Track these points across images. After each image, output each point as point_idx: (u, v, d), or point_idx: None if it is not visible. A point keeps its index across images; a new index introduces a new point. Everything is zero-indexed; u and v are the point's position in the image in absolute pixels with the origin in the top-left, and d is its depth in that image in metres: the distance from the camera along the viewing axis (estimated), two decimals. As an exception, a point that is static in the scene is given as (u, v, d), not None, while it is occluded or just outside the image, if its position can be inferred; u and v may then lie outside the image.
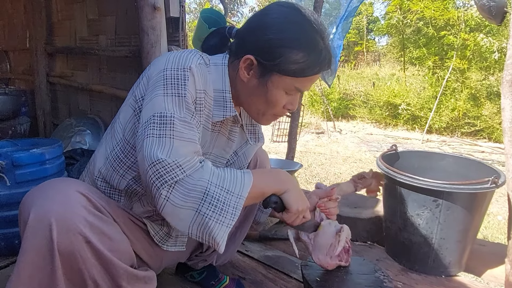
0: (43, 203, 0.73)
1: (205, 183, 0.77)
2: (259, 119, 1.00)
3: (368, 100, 8.45)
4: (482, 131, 6.55)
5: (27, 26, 3.21)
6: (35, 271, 0.72)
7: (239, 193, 0.80)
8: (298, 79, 0.89)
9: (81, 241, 0.74)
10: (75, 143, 2.58)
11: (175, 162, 0.77)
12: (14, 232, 1.46)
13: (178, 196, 0.76)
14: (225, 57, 0.97)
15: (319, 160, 5.28)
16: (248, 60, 0.90)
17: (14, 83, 3.66)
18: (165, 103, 0.82)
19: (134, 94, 0.93)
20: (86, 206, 0.77)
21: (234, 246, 1.34)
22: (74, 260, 0.74)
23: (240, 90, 0.96)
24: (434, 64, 7.64)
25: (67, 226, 0.72)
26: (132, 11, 2.32)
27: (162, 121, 0.80)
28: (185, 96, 0.83)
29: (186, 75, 0.84)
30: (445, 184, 1.31)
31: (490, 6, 1.56)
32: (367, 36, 14.74)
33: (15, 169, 1.42)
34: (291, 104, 0.95)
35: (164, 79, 0.84)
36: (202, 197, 0.76)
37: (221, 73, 0.95)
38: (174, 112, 0.81)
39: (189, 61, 0.86)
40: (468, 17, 6.85)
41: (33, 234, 0.72)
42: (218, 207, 0.77)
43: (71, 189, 0.78)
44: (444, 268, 1.43)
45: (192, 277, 1.34)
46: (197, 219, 0.76)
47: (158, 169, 0.76)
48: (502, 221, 3.14)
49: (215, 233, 0.77)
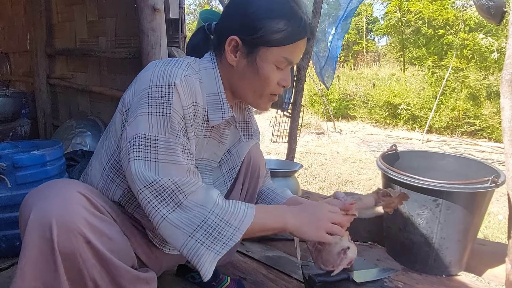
0: (43, 203, 0.74)
1: (206, 211, 0.80)
2: (258, 104, 0.99)
3: (368, 100, 8.45)
4: (482, 131, 6.55)
5: (27, 28, 3.22)
6: (39, 271, 0.73)
7: (237, 226, 0.82)
8: (285, 48, 0.89)
9: (81, 241, 0.74)
10: (75, 145, 2.58)
11: (172, 182, 0.79)
12: (15, 234, 1.46)
13: (177, 218, 0.79)
14: (213, 58, 0.96)
15: (319, 161, 5.29)
16: (232, 41, 0.90)
17: (14, 85, 3.66)
18: (149, 123, 0.81)
19: (123, 106, 0.91)
20: (86, 207, 0.77)
21: (234, 247, 1.34)
22: (74, 260, 0.74)
23: (232, 79, 0.95)
24: (434, 64, 7.65)
25: (67, 226, 0.73)
26: (132, 12, 2.32)
27: (146, 143, 0.80)
28: (170, 115, 0.82)
29: (171, 92, 0.82)
30: (445, 183, 1.32)
31: (489, 6, 1.56)
32: (367, 36, 14.75)
33: (16, 171, 1.42)
34: (285, 80, 0.95)
35: (149, 97, 0.82)
36: (199, 224, 0.79)
37: (213, 76, 0.94)
38: (158, 134, 0.81)
39: (173, 77, 0.84)
40: (467, 17, 6.85)
41: (34, 234, 0.72)
42: (212, 236, 0.80)
43: (71, 189, 0.78)
44: (445, 268, 1.43)
45: (193, 278, 1.34)
46: (190, 242, 0.79)
47: (156, 189, 0.78)
48: (503, 220, 3.14)
49: (204, 259, 0.79)
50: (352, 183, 4.30)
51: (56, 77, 3.11)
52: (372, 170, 4.73)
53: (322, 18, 4.06)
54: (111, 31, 2.56)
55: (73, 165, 2.00)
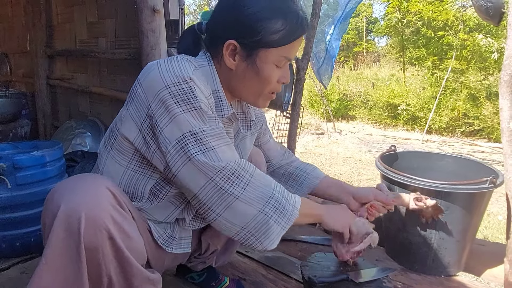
0: (73, 197, 0.74)
1: (271, 188, 0.88)
2: (257, 103, 1.01)
3: (368, 101, 8.45)
4: (481, 131, 6.55)
5: (27, 29, 3.22)
6: (63, 264, 0.73)
7: (294, 204, 0.90)
8: (284, 48, 0.90)
9: (105, 237, 0.75)
10: (75, 145, 2.59)
11: (237, 164, 0.85)
12: (15, 234, 1.47)
13: (248, 196, 0.85)
14: (208, 56, 0.96)
15: (319, 161, 5.29)
16: (230, 46, 0.90)
17: (14, 86, 3.66)
18: (188, 121, 0.84)
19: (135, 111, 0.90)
20: (112, 203, 0.78)
21: (234, 248, 1.34)
22: (96, 255, 0.75)
23: (231, 81, 0.96)
24: (434, 65, 7.65)
25: (95, 221, 0.74)
26: (132, 13, 2.33)
27: (196, 138, 0.83)
28: (201, 108, 0.85)
29: (191, 86, 0.84)
30: (444, 184, 1.32)
31: (488, 7, 1.56)
32: (367, 37, 14.75)
33: (16, 172, 1.43)
34: (284, 77, 0.96)
35: (173, 97, 0.83)
36: (268, 199, 0.86)
37: (210, 74, 0.94)
38: (201, 126, 0.84)
39: (185, 71, 0.85)
40: (467, 18, 6.85)
41: (62, 226, 0.72)
42: (279, 210, 0.87)
43: (101, 185, 0.79)
44: (444, 268, 1.43)
45: (193, 278, 1.34)
46: (259, 216, 0.85)
47: (225, 174, 0.83)
48: (503, 220, 3.14)
49: (272, 231, 0.86)
50: (352, 184, 4.30)
51: (56, 78, 3.12)
52: (372, 170, 4.73)
53: (322, 19, 4.06)
54: (110, 32, 2.57)
55: (73, 166, 2.00)
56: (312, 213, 0.99)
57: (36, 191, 1.48)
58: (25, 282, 1.29)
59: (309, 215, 0.98)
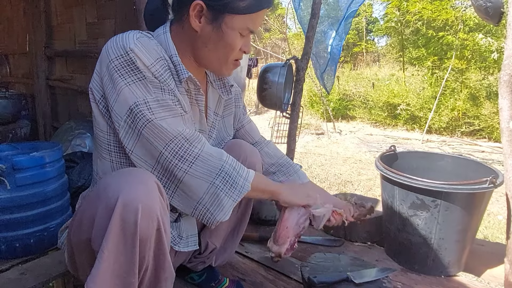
0: (130, 189, 0.75)
1: (222, 161, 0.90)
2: (221, 70, 1.02)
3: (368, 101, 8.46)
4: (481, 131, 6.55)
5: (26, 30, 3.22)
6: (119, 254, 0.74)
7: (245, 177, 0.93)
8: (249, 17, 0.93)
9: (155, 228, 0.77)
10: (75, 146, 2.58)
11: (184, 138, 0.86)
12: (15, 235, 1.47)
13: (197, 170, 0.87)
14: (166, 27, 0.98)
15: (319, 161, 5.29)
16: (197, 6, 0.91)
17: (14, 86, 3.66)
18: (133, 92, 0.85)
19: (93, 95, 0.93)
20: (159, 196, 0.80)
21: (233, 246, 1.34)
22: (144, 246, 0.76)
23: (195, 44, 0.97)
24: (433, 64, 7.65)
25: (149, 213, 0.75)
26: (131, 14, 2.33)
27: (144, 108, 0.85)
28: (145, 77, 0.86)
29: (132, 57, 0.86)
30: (444, 184, 1.32)
31: (487, 6, 1.56)
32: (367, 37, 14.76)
33: (16, 173, 1.42)
34: (246, 46, 0.99)
35: (116, 70, 0.86)
36: (218, 172, 0.89)
37: (164, 41, 0.96)
38: (146, 97, 0.85)
39: (126, 42, 0.87)
40: (467, 17, 6.85)
41: (120, 217, 0.73)
42: (229, 183, 0.90)
43: (150, 178, 0.80)
44: (444, 268, 1.43)
45: (192, 279, 1.34)
46: (211, 189, 0.88)
47: (173, 148, 0.85)
48: (503, 220, 3.14)
49: (224, 203, 0.89)
50: (352, 184, 4.31)
51: (55, 78, 3.11)
52: (372, 170, 4.73)
53: (322, 19, 4.06)
54: (110, 33, 2.57)
55: (72, 167, 2.00)
56: (267, 189, 1.02)
57: (35, 192, 1.47)
58: (25, 283, 1.29)
59: (264, 190, 1.01)
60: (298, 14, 4.07)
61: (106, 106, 0.90)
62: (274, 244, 1.13)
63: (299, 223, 1.10)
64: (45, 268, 1.38)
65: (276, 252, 1.12)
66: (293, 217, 1.10)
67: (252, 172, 0.96)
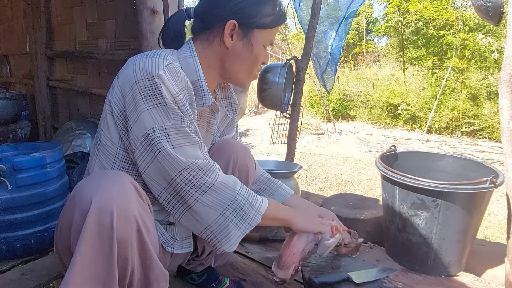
0: (103, 192, 0.75)
1: (235, 193, 0.91)
2: (245, 82, 1.08)
3: (368, 101, 8.45)
4: (482, 131, 6.55)
5: (27, 30, 3.23)
6: (95, 258, 0.74)
7: (258, 208, 0.94)
8: (271, 31, 1.03)
9: (134, 229, 0.77)
10: (75, 147, 2.59)
11: (197, 167, 0.87)
12: (16, 236, 1.47)
13: (209, 199, 0.88)
14: (191, 47, 1.01)
15: (320, 161, 5.29)
16: (231, 25, 0.97)
17: (14, 87, 3.67)
18: (152, 117, 0.86)
19: (111, 107, 0.93)
20: (137, 197, 0.80)
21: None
22: (125, 247, 0.76)
23: (224, 59, 1.02)
24: (434, 64, 7.65)
25: (126, 214, 0.75)
26: (131, 15, 2.33)
27: (161, 134, 0.86)
28: (166, 104, 0.87)
29: (157, 83, 0.87)
30: (444, 184, 1.32)
31: (487, 6, 1.56)
32: (367, 37, 14.75)
33: (16, 173, 1.43)
34: (265, 58, 1.07)
35: (140, 92, 0.87)
36: (229, 203, 0.90)
37: (193, 65, 0.99)
38: (164, 123, 0.87)
39: (155, 68, 0.88)
40: (467, 17, 6.85)
41: (95, 221, 0.73)
42: (240, 215, 0.90)
43: (126, 179, 0.80)
44: (444, 268, 1.43)
45: (193, 279, 1.34)
46: (220, 219, 0.89)
47: (186, 176, 0.86)
48: (503, 220, 3.14)
49: (232, 235, 0.90)
50: (352, 184, 4.31)
51: (56, 79, 3.12)
52: (372, 170, 4.73)
53: (322, 19, 4.06)
54: (110, 33, 2.57)
55: (73, 167, 2.00)
56: (280, 217, 1.03)
57: (36, 192, 1.48)
58: (25, 283, 1.29)
59: (276, 219, 1.02)
60: (298, 14, 4.07)
61: (124, 122, 0.92)
62: (279, 269, 1.11)
63: (305, 249, 1.09)
64: (46, 268, 1.39)
65: (282, 278, 1.10)
66: (301, 244, 1.08)
67: (265, 202, 0.96)
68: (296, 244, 1.09)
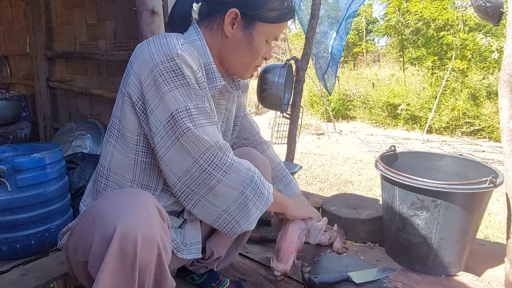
0: (128, 217, 0.73)
1: (252, 172, 0.93)
2: (243, 74, 1.07)
3: (368, 101, 8.46)
4: (482, 130, 6.56)
5: (27, 31, 3.23)
6: (116, 284, 0.73)
7: (268, 189, 0.97)
8: (277, 26, 1.01)
9: (155, 254, 0.76)
10: (75, 147, 2.59)
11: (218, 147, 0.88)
12: (16, 237, 1.47)
13: (230, 179, 0.89)
14: (198, 31, 1.00)
15: (320, 161, 5.29)
16: (233, 14, 0.96)
17: (14, 88, 3.67)
18: (176, 98, 0.86)
19: (129, 95, 0.91)
20: (160, 220, 0.79)
21: (235, 252, 1.34)
22: (145, 272, 0.75)
23: (223, 49, 1.01)
24: (434, 64, 7.66)
25: (149, 240, 0.74)
26: (131, 15, 2.33)
27: (186, 114, 0.86)
28: (188, 84, 0.88)
29: (178, 63, 0.87)
30: (444, 184, 1.32)
31: (487, 7, 1.56)
32: (366, 37, 14.75)
33: (16, 174, 1.43)
34: (268, 53, 1.05)
35: (161, 75, 0.86)
36: (248, 182, 0.91)
37: (201, 47, 0.98)
38: (187, 104, 0.87)
39: (173, 48, 0.87)
40: (467, 17, 6.86)
41: (118, 248, 0.71)
42: (257, 194, 0.93)
43: (150, 202, 0.78)
44: (444, 268, 1.43)
45: (193, 279, 1.34)
46: (239, 199, 0.90)
47: (209, 156, 0.87)
48: (503, 220, 3.14)
49: (251, 213, 0.92)
50: (352, 184, 4.31)
51: (56, 80, 3.12)
52: (372, 170, 4.73)
53: (321, 20, 4.06)
54: (110, 34, 2.57)
55: (73, 168, 2.00)
56: (279, 202, 1.06)
57: (36, 193, 1.48)
58: (26, 284, 1.29)
59: (277, 203, 1.03)
60: (298, 14, 4.07)
61: (142, 108, 0.90)
62: (279, 263, 1.12)
63: (300, 237, 1.14)
64: (46, 269, 1.39)
65: (283, 270, 1.11)
66: (295, 232, 1.13)
67: (271, 185, 0.99)
68: (292, 234, 1.13)
